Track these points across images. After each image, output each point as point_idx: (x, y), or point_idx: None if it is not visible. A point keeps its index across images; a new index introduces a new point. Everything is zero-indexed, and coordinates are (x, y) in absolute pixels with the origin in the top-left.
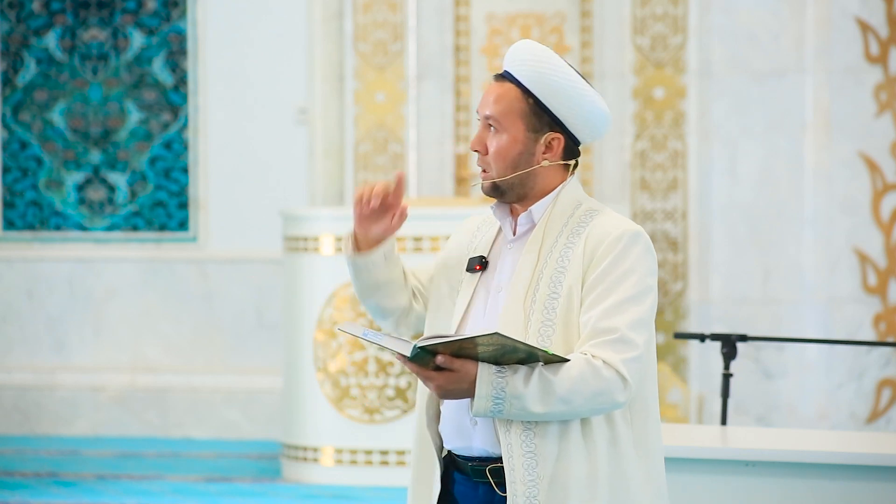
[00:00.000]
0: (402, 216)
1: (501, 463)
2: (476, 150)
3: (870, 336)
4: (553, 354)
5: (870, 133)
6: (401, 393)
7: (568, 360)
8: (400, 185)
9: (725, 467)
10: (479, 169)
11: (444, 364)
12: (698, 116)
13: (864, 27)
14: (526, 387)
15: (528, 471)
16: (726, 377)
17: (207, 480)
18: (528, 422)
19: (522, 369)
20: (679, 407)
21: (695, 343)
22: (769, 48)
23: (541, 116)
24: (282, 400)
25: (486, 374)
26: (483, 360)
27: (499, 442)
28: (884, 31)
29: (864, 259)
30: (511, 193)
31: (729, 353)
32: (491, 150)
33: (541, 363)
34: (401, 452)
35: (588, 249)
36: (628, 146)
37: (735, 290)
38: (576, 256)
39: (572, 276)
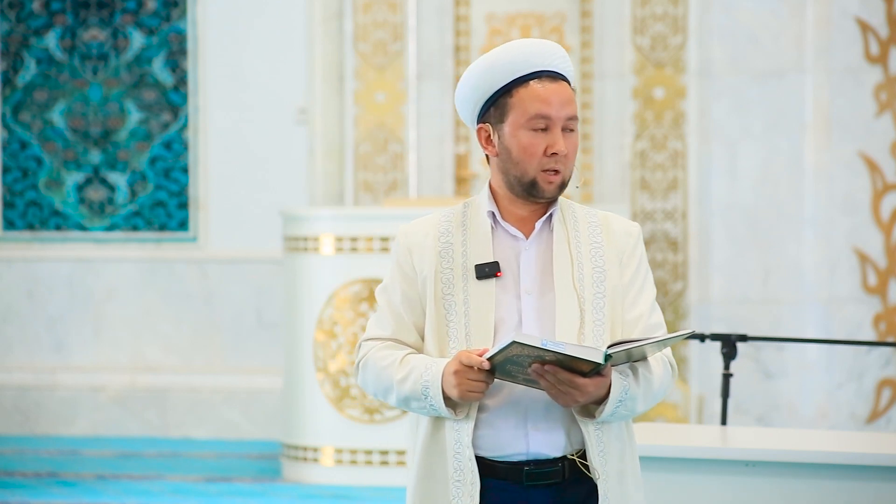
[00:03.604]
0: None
1: (553, 465)
2: (557, 154)
3: (870, 336)
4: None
5: (870, 133)
6: None
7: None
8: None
9: (725, 467)
10: (554, 171)
11: (607, 371)
12: (698, 116)
13: (864, 27)
14: (638, 387)
15: (601, 468)
16: (726, 377)
17: (207, 480)
18: (599, 421)
19: (629, 370)
20: (679, 407)
21: (695, 343)
22: (769, 48)
23: None
24: (282, 400)
25: (617, 378)
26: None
27: (555, 444)
28: (884, 31)
29: (864, 259)
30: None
31: (729, 353)
32: (570, 149)
33: (632, 363)
34: (401, 452)
35: (617, 247)
36: (628, 146)
37: (735, 290)
38: (609, 256)
39: (613, 276)
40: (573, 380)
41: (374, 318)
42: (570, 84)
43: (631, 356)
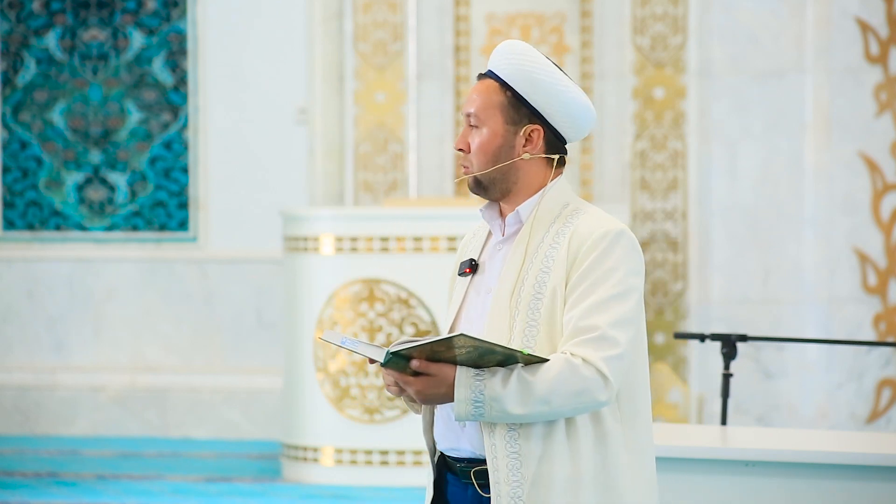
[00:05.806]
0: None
1: (482, 465)
2: (460, 149)
3: (870, 336)
4: (530, 355)
5: (870, 133)
6: None
7: (547, 360)
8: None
9: (725, 467)
10: (463, 167)
11: (420, 368)
12: (698, 116)
13: (864, 27)
14: (504, 389)
15: (513, 471)
16: (726, 377)
17: (207, 480)
18: (513, 423)
19: (500, 371)
20: (679, 407)
21: (695, 343)
22: (769, 48)
23: (519, 109)
24: (282, 400)
25: (463, 378)
26: (462, 364)
27: (482, 444)
28: (884, 31)
29: (864, 259)
30: (494, 189)
31: (729, 353)
32: (472, 145)
33: (520, 364)
34: (401, 452)
35: (572, 248)
36: (628, 146)
37: (735, 290)
38: (560, 256)
39: (556, 276)
40: (398, 376)
41: None
42: (497, 79)
43: (495, 355)
